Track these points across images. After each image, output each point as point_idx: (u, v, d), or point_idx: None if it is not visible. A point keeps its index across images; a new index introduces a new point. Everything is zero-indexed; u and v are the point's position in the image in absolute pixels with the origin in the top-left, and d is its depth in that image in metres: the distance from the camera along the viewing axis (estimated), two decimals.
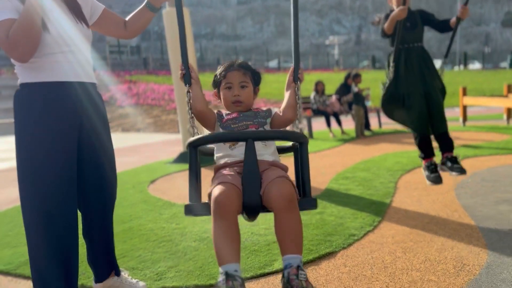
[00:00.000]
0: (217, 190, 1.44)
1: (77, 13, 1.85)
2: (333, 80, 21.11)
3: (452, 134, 8.43)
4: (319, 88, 8.30)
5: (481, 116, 10.37)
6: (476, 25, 56.68)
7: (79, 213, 2.02)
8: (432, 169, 3.30)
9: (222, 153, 1.69)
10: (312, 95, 8.36)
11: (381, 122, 9.18)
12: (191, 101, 1.71)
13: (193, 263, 2.43)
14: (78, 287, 2.00)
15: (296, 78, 1.76)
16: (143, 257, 2.58)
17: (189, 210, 1.49)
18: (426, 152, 3.32)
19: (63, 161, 1.78)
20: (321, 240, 2.67)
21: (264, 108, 1.83)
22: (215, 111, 1.78)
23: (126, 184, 4.61)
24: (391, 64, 3.26)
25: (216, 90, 1.85)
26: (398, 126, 9.28)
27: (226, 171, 1.58)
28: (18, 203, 4.09)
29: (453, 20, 3.28)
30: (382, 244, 2.62)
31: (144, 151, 7.70)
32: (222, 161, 1.67)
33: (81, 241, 2.09)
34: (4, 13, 1.64)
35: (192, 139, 1.53)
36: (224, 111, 1.80)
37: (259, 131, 1.64)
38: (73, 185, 1.83)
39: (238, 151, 1.62)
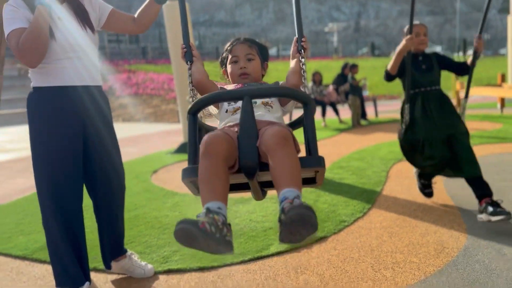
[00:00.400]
0: (207, 135, 1.38)
1: (83, 19, 2.00)
2: (332, 68, 21.18)
3: None
4: (316, 78, 8.46)
5: (476, 105, 10.54)
6: (476, 10, 56.39)
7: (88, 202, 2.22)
8: (426, 185, 3.30)
9: (224, 122, 1.63)
10: (310, 85, 8.51)
11: (377, 111, 9.35)
12: (191, 76, 1.68)
13: None
14: (90, 269, 2.21)
15: (300, 47, 1.70)
16: (149, 243, 2.78)
17: (185, 173, 1.41)
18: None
19: (69, 153, 1.98)
20: None
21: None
22: (219, 86, 1.75)
23: (129, 174, 4.78)
24: (405, 106, 3.02)
25: (224, 68, 1.82)
26: (394, 115, 9.46)
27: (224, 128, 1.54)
28: (27, 193, 4.31)
29: (471, 60, 3.07)
30: (370, 229, 2.82)
31: (145, 141, 7.89)
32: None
33: (94, 226, 2.30)
34: (16, 22, 1.81)
35: (190, 106, 1.48)
36: (230, 86, 1.75)
37: (256, 88, 1.51)
38: (78, 173, 2.03)
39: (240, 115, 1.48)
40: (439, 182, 3.92)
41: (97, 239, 2.31)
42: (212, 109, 1.73)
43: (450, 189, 3.65)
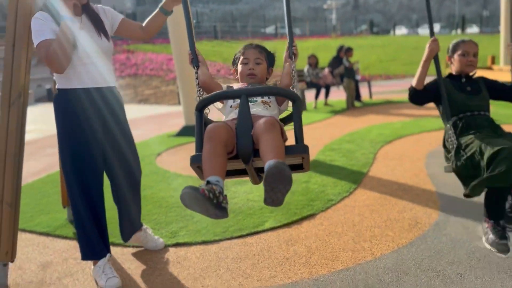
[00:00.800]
0: (211, 125, 1.65)
1: (100, 29, 2.28)
2: (330, 47, 21.24)
3: None
4: (312, 61, 8.69)
5: None
6: None
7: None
8: (501, 234, 2.35)
9: (228, 116, 1.88)
10: (306, 68, 8.76)
11: (371, 92, 9.61)
12: (198, 78, 1.93)
13: (200, 224, 2.99)
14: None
15: (291, 54, 1.95)
16: (158, 220, 3.14)
17: (193, 160, 1.64)
18: (496, 212, 2.41)
19: (90, 145, 2.29)
20: (304, 205, 3.23)
21: (271, 83, 2.09)
22: (226, 85, 2.02)
23: None
24: (448, 134, 2.55)
25: (235, 67, 2.05)
26: (388, 97, 9.73)
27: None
28: (41, 175, 4.65)
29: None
30: (354, 207, 3.17)
31: (147, 124, 8.18)
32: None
33: (110, 205, 2.63)
34: (43, 34, 2.08)
35: (197, 103, 1.75)
36: (236, 84, 1.97)
37: (252, 88, 1.71)
38: (99, 161, 2.33)
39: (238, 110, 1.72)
40: (420, 161, 4.26)
41: (112, 217, 2.65)
42: (217, 104, 1.98)
43: (430, 169, 3.99)
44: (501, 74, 7.75)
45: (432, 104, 2.71)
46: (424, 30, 37.45)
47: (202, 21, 40.33)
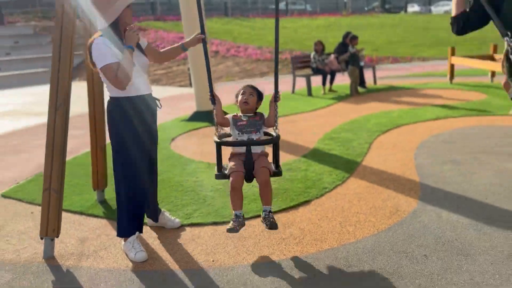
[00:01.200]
0: (232, 177, 2.65)
1: (140, 49, 2.76)
2: (340, 25, 21.26)
3: (437, 92, 9.24)
4: (318, 48, 8.99)
5: (469, 71, 10.79)
6: None
7: None
8: None
9: (234, 140, 2.80)
10: (312, 54, 9.07)
11: (376, 78, 9.91)
12: (215, 116, 2.80)
13: (211, 207, 3.49)
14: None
15: (276, 99, 2.77)
16: (175, 203, 3.64)
17: (217, 177, 2.78)
18: None
19: (138, 142, 2.77)
20: (301, 192, 3.70)
21: (259, 114, 2.82)
22: (233, 115, 2.79)
23: None
24: (509, 33, 2.21)
25: (236, 99, 2.84)
26: (392, 82, 10.01)
27: (236, 160, 2.72)
28: (69, 157, 5.15)
29: None
30: (345, 194, 3.64)
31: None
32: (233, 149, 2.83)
33: None
34: (108, 58, 2.53)
35: (218, 141, 2.73)
36: (239, 116, 2.78)
37: (252, 141, 2.70)
38: (146, 156, 2.84)
39: (242, 136, 2.77)
40: (411, 152, 4.69)
41: None
42: (226, 128, 2.89)
43: (418, 159, 4.42)
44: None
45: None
46: (437, 8, 36.86)
47: None
